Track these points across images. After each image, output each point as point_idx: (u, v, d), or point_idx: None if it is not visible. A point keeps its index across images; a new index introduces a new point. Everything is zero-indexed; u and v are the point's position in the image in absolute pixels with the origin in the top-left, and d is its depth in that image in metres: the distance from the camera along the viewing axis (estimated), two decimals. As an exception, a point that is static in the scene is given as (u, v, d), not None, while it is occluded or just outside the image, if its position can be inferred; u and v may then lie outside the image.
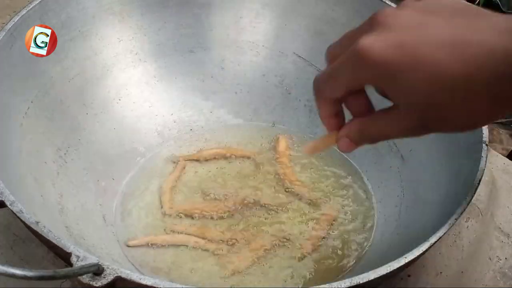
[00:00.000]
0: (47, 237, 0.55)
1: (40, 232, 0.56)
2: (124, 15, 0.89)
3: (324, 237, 0.79)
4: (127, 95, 0.90)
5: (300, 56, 0.95)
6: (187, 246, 0.77)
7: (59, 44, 0.79)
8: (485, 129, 0.72)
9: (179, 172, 0.86)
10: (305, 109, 0.95)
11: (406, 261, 0.57)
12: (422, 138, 0.81)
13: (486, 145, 0.70)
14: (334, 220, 0.81)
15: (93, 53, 0.86)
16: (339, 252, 0.78)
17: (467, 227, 0.82)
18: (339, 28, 0.92)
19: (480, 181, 0.66)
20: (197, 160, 0.88)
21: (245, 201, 0.82)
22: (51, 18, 0.80)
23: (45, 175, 0.74)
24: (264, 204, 0.82)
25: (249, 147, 0.92)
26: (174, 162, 0.88)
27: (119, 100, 0.89)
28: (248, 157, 0.89)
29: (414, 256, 0.58)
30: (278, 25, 0.96)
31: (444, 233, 0.61)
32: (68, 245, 0.54)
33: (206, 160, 0.88)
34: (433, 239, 0.60)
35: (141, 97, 0.91)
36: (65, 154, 0.79)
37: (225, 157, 0.89)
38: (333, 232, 0.80)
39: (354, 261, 0.77)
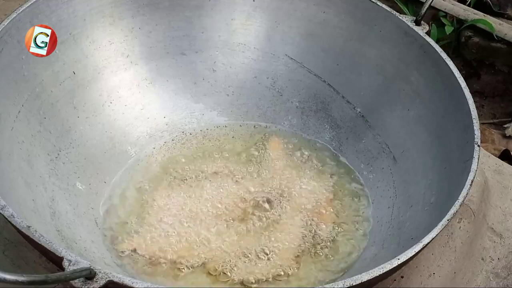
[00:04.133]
0: (38, 242, 0.55)
1: (31, 237, 0.56)
2: (115, 18, 0.89)
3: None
4: (119, 98, 0.90)
5: (291, 58, 0.95)
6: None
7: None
8: (477, 130, 0.72)
9: None
10: (297, 110, 0.95)
11: (399, 262, 0.58)
12: (415, 139, 0.82)
13: (478, 146, 0.70)
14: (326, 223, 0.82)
15: (84, 56, 0.86)
16: (333, 254, 0.78)
17: (460, 228, 0.82)
18: (330, 29, 0.92)
19: (472, 182, 0.66)
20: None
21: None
22: (42, 21, 0.79)
23: (36, 179, 0.73)
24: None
25: (241, 149, 0.91)
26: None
27: (110, 103, 0.89)
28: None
29: (407, 257, 0.58)
30: (269, 27, 0.96)
31: (437, 234, 0.61)
32: (59, 249, 0.54)
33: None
34: (426, 240, 0.60)
35: (132, 100, 0.91)
36: (56, 157, 0.79)
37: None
38: (326, 235, 0.80)
39: (347, 263, 0.77)
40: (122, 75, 0.91)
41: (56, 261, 0.55)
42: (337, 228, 0.81)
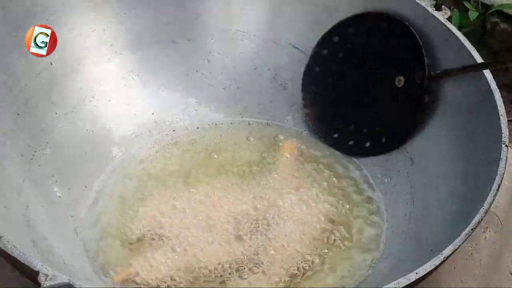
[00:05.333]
0: (11, 254, 0.55)
1: (3, 248, 0.56)
2: (98, 2, 0.89)
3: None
4: (101, 92, 0.90)
5: (296, 47, 0.95)
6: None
7: (24, 35, 0.79)
8: (504, 128, 0.72)
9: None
10: (302, 106, 0.95)
11: (417, 277, 0.58)
12: (434, 138, 0.82)
13: (506, 146, 0.70)
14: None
15: (62, 45, 0.86)
16: (342, 267, 0.78)
17: (485, 238, 0.82)
18: (339, 15, 0.92)
19: (499, 186, 0.66)
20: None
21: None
22: (15, 5, 0.80)
23: (8, 183, 0.73)
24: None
25: (238, 149, 0.91)
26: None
27: (92, 97, 0.89)
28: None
29: (426, 271, 0.58)
30: (271, 12, 0.96)
31: (459, 245, 0.61)
32: (35, 262, 0.54)
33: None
34: (446, 252, 0.60)
35: (117, 95, 0.91)
36: (31, 159, 0.79)
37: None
38: (335, 246, 0.80)
39: (359, 276, 0.77)
40: (105, 66, 0.91)
41: (31, 275, 0.55)
42: (345, 239, 0.81)
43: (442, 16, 0.84)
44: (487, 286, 0.78)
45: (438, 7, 0.85)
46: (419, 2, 0.85)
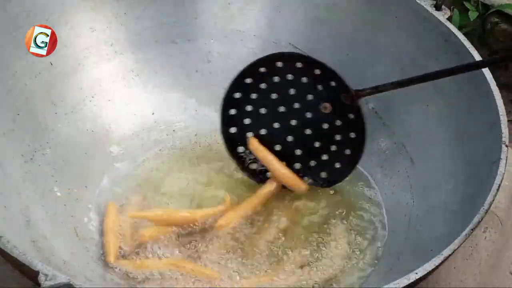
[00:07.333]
0: (11, 253, 0.55)
1: (3, 248, 0.56)
2: (97, 2, 0.89)
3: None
4: (101, 92, 0.90)
5: (296, 47, 0.95)
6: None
7: (24, 35, 0.79)
8: (504, 128, 0.72)
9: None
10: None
11: (417, 277, 0.58)
12: (435, 138, 0.82)
13: (506, 146, 0.70)
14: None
15: (62, 45, 0.86)
16: (341, 267, 0.78)
17: (485, 238, 0.82)
18: (339, 15, 0.92)
19: (499, 186, 0.66)
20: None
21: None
22: (15, 5, 0.80)
23: (8, 183, 0.73)
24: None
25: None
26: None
27: (92, 97, 0.89)
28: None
29: (426, 272, 0.58)
30: (271, 12, 0.96)
31: (459, 245, 0.61)
32: (35, 262, 0.54)
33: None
34: (446, 252, 0.60)
35: (117, 95, 0.91)
36: (31, 159, 0.79)
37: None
38: (333, 247, 0.80)
39: (357, 276, 0.77)
40: (105, 66, 0.91)
41: (31, 275, 0.55)
42: (344, 239, 0.81)
43: (442, 16, 0.84)
44: (487, 286, 0.78)
45: (438, 7, 0.85)
46: (419, 2, 0.85)
